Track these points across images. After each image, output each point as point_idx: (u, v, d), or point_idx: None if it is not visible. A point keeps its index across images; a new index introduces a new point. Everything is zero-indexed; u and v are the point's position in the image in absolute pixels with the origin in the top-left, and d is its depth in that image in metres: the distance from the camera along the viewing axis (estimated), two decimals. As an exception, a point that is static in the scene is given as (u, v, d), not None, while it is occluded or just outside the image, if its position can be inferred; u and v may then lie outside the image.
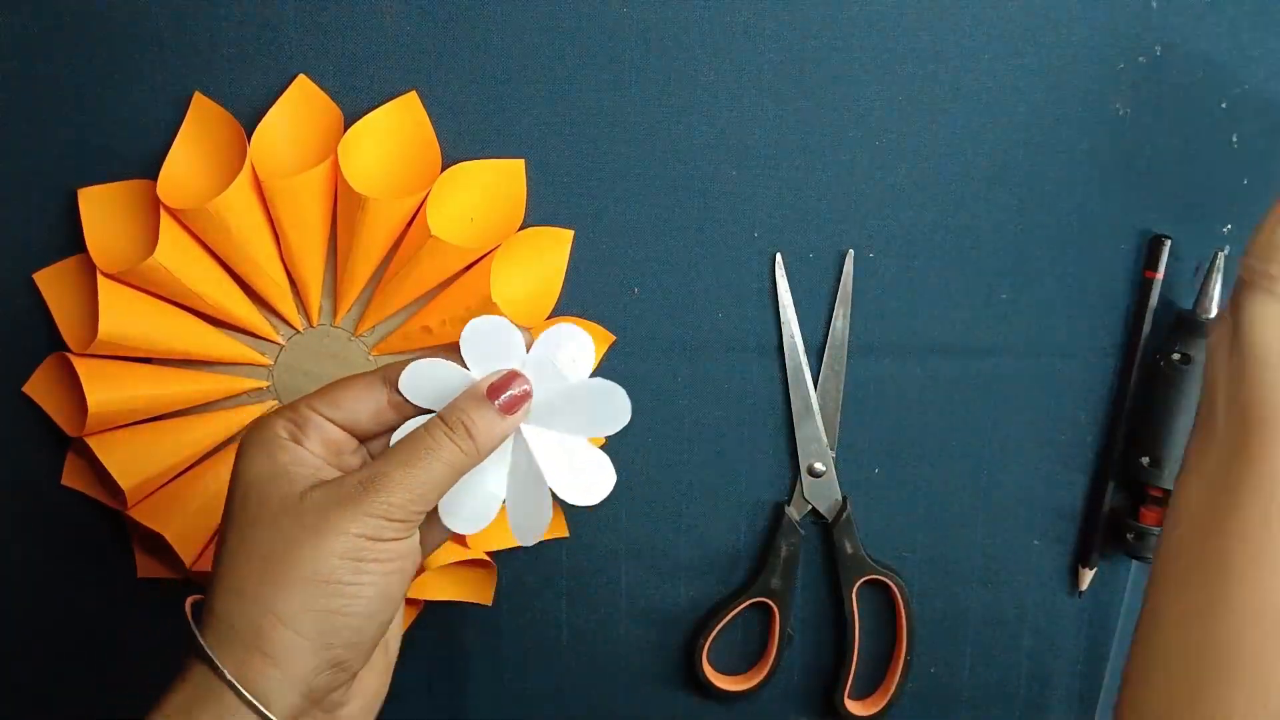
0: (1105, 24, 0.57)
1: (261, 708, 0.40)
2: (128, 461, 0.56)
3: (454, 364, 0.45)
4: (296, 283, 0.57)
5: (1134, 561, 0.62)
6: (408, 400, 0.45)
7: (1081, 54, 0.57)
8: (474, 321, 0.44)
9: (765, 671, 0.63)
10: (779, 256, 0.59)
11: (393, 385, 0.45)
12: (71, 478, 0.59)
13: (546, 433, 0.46)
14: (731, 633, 0.63)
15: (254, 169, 0.54)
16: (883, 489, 0.62)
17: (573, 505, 0.45)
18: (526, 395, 0.44)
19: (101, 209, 0.56)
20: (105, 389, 0.55)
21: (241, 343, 0.57)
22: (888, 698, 0.63)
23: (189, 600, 0.44)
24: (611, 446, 0.60)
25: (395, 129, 0.56)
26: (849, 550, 0.61)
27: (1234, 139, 0.58)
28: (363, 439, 0.46)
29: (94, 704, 0.63)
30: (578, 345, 0.45)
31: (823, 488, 0.61)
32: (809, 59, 0.57)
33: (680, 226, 0.59)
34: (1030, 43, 0.57)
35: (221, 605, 0.41)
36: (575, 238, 0.58)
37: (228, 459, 0.57)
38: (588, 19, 0.56)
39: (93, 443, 0.56)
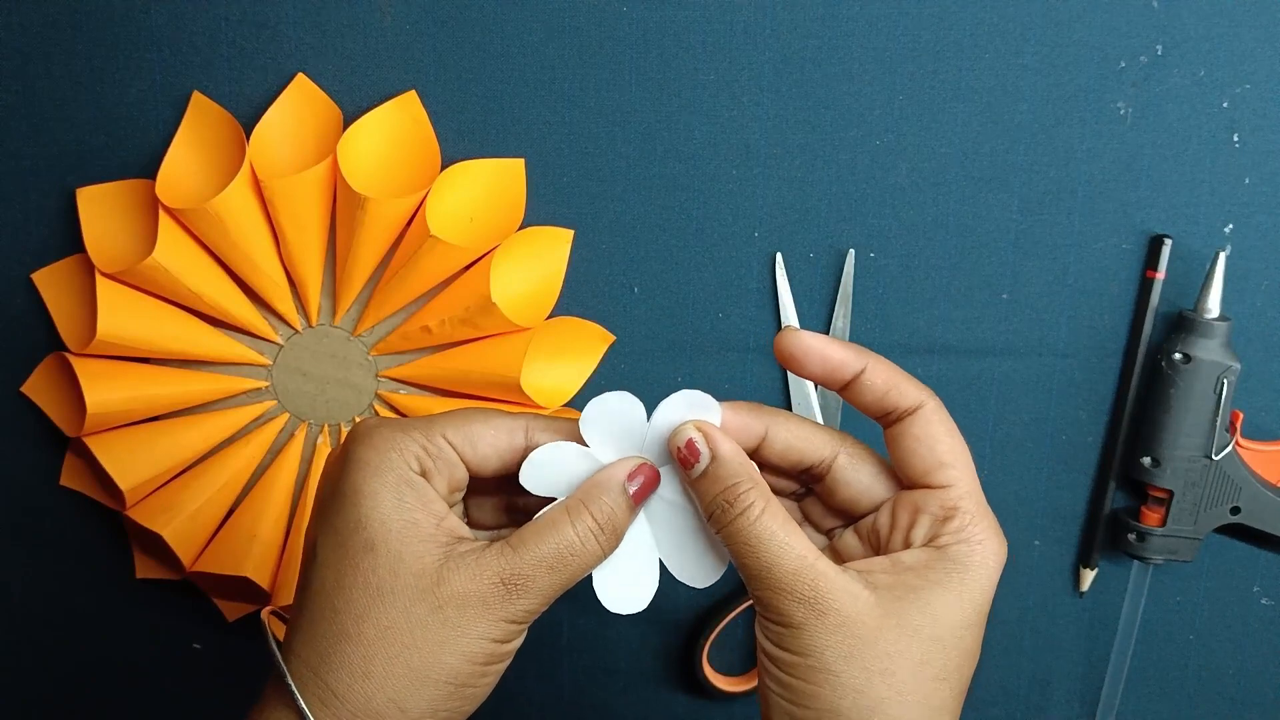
0: (1106, 23, 0.57)
1: None
2: (126, 462, 0.56)
3: (578, 448, 0.41)
4: (295, 282, 0.56)
5: (1134, 562, 0.62)
6: (531, 493, 0.41)
7: (1082, 53, 0.57)
8: (593, 401, 0.41)
9: None
10: (779, 256, 0.59)
11: (532, 441, 0.41)
12: (70, 478, 0.59)
13: (665, 502, 0.43)
14: (731, 633, 0.63)
15: (253, 168, 0.54)
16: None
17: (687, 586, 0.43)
18: (655, 482, 0.42)
19: (100, 208, 0.56)
20: (104, 389, 0.55)
21: (240, 343, 0.57)
22: None
23: (270, 623, 0.41)
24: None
25: (394, 128, 0.56)
26: None
27: (1235, 138, 0.58)
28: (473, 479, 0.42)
29: (94, 704, 0.63)
30: (703, 411, 0.41)
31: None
32: (809, 58, 0.57)
33: (680, 226, 0.58)
34: (1031, 42, 0.57)
35: (344, 688, 0.38)
36: (575, 237, 0.58)
37: (227, 459, 0.57)
38: (588, 18, 0.56)
39: (91, 443, 0.56)
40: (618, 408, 0.41)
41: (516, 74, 0.56)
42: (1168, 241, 0.58)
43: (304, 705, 0.38)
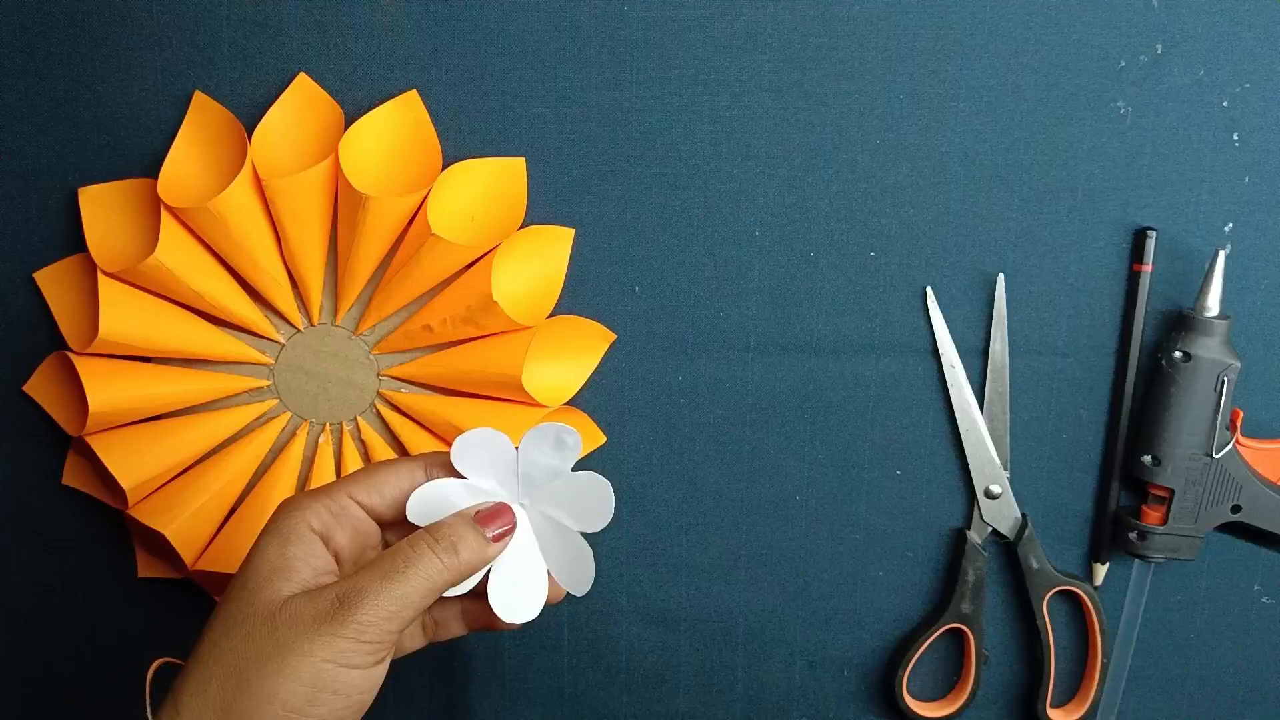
0: (1106, 22, 0.57)
1: None
2: (128, 461, 0.56)
3: (456, 481, 0.46)
4: (297, 281, 0.57)
5: (1135, 560, 0.62)
6: (417, 525, 0.45)
7: (1083, 52, 0.57)
8: (460, 437, 0.45)
9: (966, 694, 0.63)
10: (929, 289, 0.59)
11: (431, 476, 0.45)
12: (72, 477, 0.59)
13: (545, 518, 0.47)
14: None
15: (254, 167, 0.54)
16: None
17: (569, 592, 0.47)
18: (513, 528, 0.46)
19: (102, 208, 0.56)
20: (106, 388, 0.55)
21: (242, 342, 0.57)
22: (1088, 703, 0.63)
23: (153, 667, 0.43)
24: (612, 442, 0.61)
25: (396, 127, 0.56)
26: (1035, 565, 0.62)
27: (1235, 137, 0.58)
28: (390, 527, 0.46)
29: (94, 703, 0.63)
30: (562, 441, 0.46)
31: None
32: (810, 58, 0.57)
33: (681, 225, 0.59)
34: (1031, 41, 0.57)
35: (185, 704, 0.41)
36: (576, 236, 0.58)
37: (229, 458, 0.57)
38: (589, 17, 0.56)
39: (93, 442, 0.56)
40: (482, 440, 0.45)
41: (517, 73, 0.57)
42: (1152, 234, 0.58)
43: (149, 715, 0.41)
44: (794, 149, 0.58)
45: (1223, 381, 0.58)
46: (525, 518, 0.47)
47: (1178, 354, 0.58)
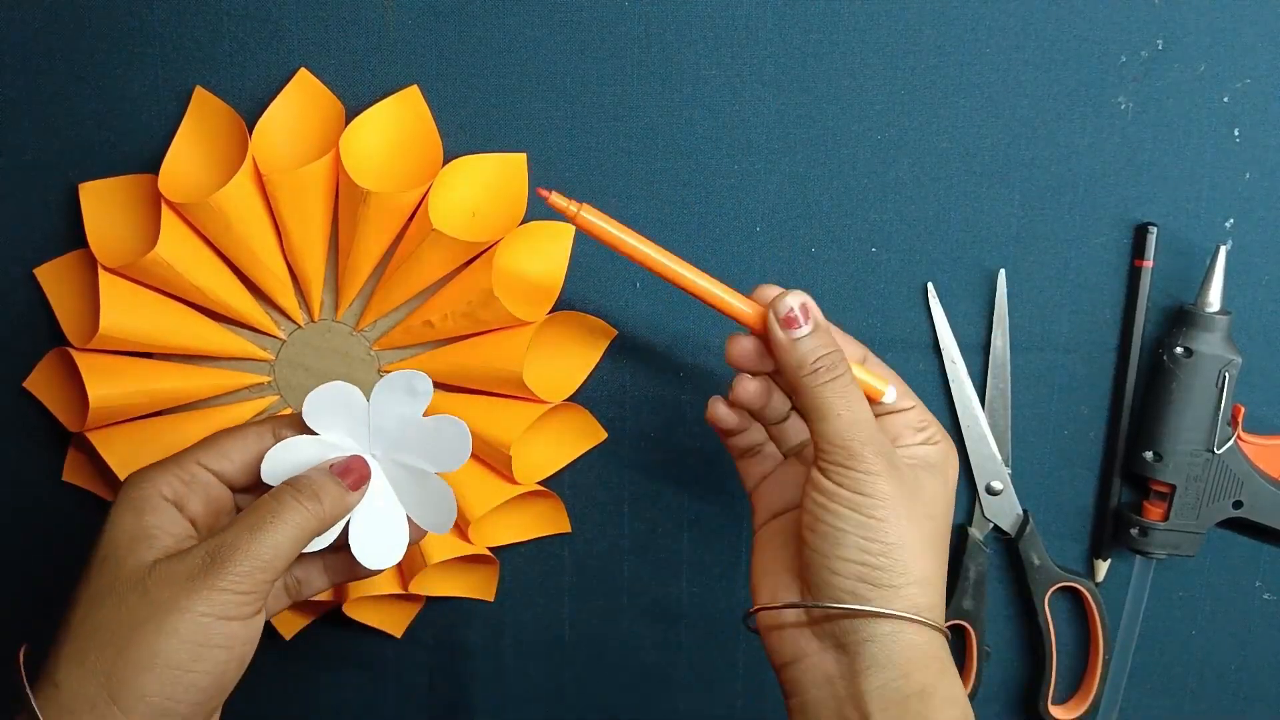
0: (1107, 18, 0.57)
1: None
2: (129, 457, 0.56)
3: (307, 438, 0.47)
4: (298, 277, 0.56)
5: (1137, 557, 0.62)
6: (271, 485, 0.46)
7: (1083, 48, 0.57)
8: (312, 393, 0.46)
9: (968, 691, 0.63)
10: (931, 285, 0.59)
11: (279, 438, 0.46)
12: (72, 473, 0.59)
13: (400, 465, 0.49)
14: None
15: (255, 163, 0.54)
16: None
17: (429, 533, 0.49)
18: (367, 475, 0.47)
19: (103, 203, 0.56)
20: (106, 384, 0.55)
21: (243, 337, 0.57)
22: (1089, 699, 0.63)
23: (23, 649, 0.43)
24: (612, 438, 0.61)
25: (397, 122, 0.56)
26: (1036, 562, 0.62)
27: (1236, 133, 0.58)
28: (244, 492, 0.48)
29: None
30: (413, 387, 0.47)
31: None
32: (810, 53, 0.57)
33: (682, 221, 0.59)
34: (1032, 37, 0.57)
35: (62, 673, 0.41)
36: (577, 232, 0.58)
37: (229, 454, 0.57)
38: (589, 13, 0.56)
39: (94, 438, 0.56)
40: (333, 395, 0.46)
41: (518, 69, 0.57)
42: (1153, 229, 0.58)
43: (30, 694, 0.41)
44: (795, 144, 0.58)
45: (1224, 377, 0.58)
46: (379, 467, 0.48)
47: (1179, 350, 0.58)
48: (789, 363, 0.47)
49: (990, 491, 0.61)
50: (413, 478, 0.48)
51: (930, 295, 0.60)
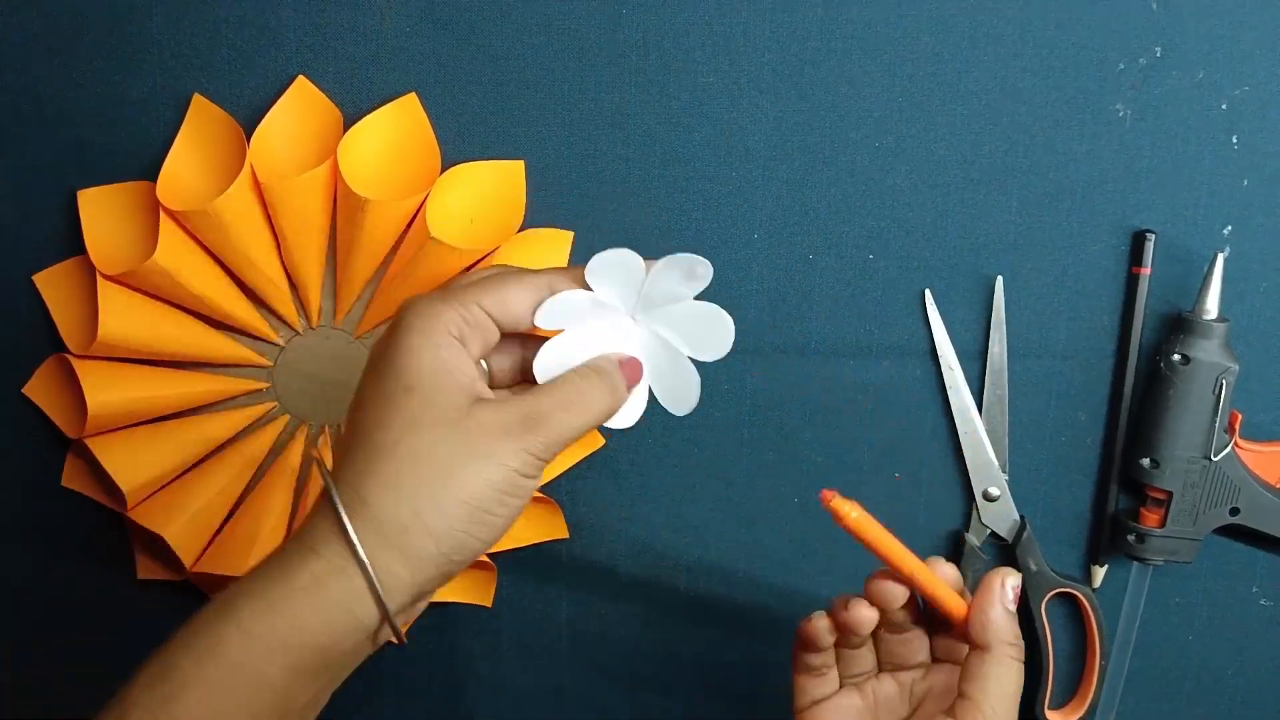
0: (1105, 25, 0.57)
1: (386, 601, 0.42)
2: (128, 463, 0.56)
3: (583, 293, 0.46)
4: (296, 284, 0.57)
5: (1134, 563, 0.62)
6: (544, 329, 0.46)
7: (1081, 55, 0.57)
8: (598, 255, 0.46)
9: None
10: (928, 292, 0.59)
11: (554, 291, 0.46)
12: (71, 479, 0.59)
13: (657, 338, 0.48)
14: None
15: (253, 170, 0.54)
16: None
17: (667, 411, 0.49)
18: (637, 379, 0.48)
19: (101, 210, 0.56)
20: (105, 390, 0.55)
21: (241, 344, 0.57)
22: (1086, 705, 0.63)
23: (335, 483, 0.43)
24: (612, 443, 0.61)
25: (395, 130, 0.56)
26: (1033, 568, 0.62)
27: (1234, 140, 0.58)
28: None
29: (94, 704, 0.63)
30: (694, 271, 0.47)
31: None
32: (808, 60, 0.57)
33: (680, 228, 0.59)
34: (1030, 44, 0.57)
35: (375, 498, 0.42)
36: (575, 239, 0.58)
37: (228, 460, 0.58)
38: (587, 20, 0.56)
39: (93, 444, 0.56)
40: (616, 258, 0.46)
41: (516, 76, 0.57)
42: (1151, 236, 0.58)
43: (340, 505, 0.42)
44: (792, 151, 0.58)
45: (1221, 384, 0.58)
46: (636, 333, 0.48)
47: (1176, 357, 0.58)
48: (1000, 630, 0.49)
49: (987, 497, 0.62)
50: (666, 354, 0.48)
51: (928, 302, 0.60)
